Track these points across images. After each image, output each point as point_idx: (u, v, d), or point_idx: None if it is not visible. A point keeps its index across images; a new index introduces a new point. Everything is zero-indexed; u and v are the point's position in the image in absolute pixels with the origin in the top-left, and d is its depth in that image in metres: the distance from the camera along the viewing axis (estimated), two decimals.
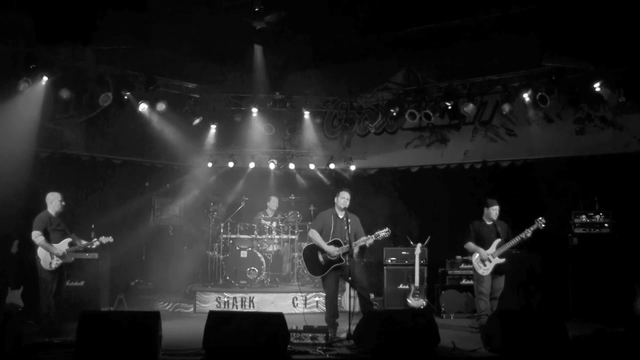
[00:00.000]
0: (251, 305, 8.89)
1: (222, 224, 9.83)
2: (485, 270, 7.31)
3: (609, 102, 8.21)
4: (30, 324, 7.12)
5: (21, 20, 7.14)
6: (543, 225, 7.05)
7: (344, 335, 6.67)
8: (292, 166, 10.77)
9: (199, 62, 9.89)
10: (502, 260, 7.30)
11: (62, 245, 7.12)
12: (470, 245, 7.49)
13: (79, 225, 8.02)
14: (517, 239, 7.17)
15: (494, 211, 7.44)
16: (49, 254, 6.99)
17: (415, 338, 5.98)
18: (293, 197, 10.39)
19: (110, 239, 7.39)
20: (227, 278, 9.34)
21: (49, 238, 7.05)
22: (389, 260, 9.16)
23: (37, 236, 6.98)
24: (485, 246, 7.38)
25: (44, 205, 7.21)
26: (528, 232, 7.10)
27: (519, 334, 5.90)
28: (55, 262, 7.02)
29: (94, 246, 7.42)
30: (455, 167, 10.14)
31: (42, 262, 6.98)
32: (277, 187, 10.95)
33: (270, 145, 10.85)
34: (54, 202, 7.18)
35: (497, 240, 7.35)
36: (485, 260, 7.32)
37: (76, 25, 6.30)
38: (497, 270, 7.34)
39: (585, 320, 7.58)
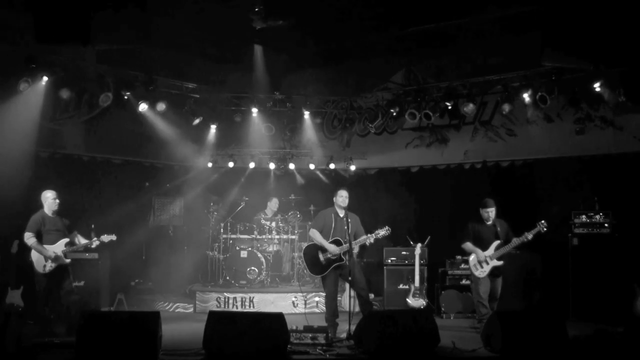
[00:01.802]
0: (251, 305, 8.89)
1: (222, 224, 9.83)
2: (482, 272, 7.26)
3: (609, 102, 8.21)
4: (30, 324, 7.09)
5: (21, 20, 7.13)
6: (545, 229, 6.99)
7: (344, 335, 6.67)
8: (292, 166, 10.78)
9: (199, 62, 9.89)
10: (500, 262, 7.24)
11: (58, 247, 6.94)
12: (468, 245, 7.42)
13: (79, 225, 7.99)
14: (517, 242, 7.10)
15: (486, 213, 7.35)
16: (43, 256, 6.84)
17: (415, 338, 5.98)
18: (293, 197, 10.40)
19: (113, 237, 7.16)
20: (227, 278, 9.35)
21: (42, 240, 6.88)
22: (389, 260, 9.16)
23: (28, 238, 6.83)
24: (484, 247, 7.31)
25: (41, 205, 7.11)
26: (529, 236, 7.03)
27: (518, 334, 5.90)
28: (50, 266, 6.85)
29: (93, 245, 7.23)
30: (455, 167, 10.14)
31: (35, 265, 6.84)
32: (277, 187, 10.95)
33: (270, 145, 10.86)
34: (47, 200, 7.01)
35: (496, 242, 7.27)
36: (482, 262, 7.26)
37: (76, 25, 6.29)
38: (494, 273, 7.28)
39: (585, 320, 7.58)
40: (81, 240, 7.20)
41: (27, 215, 7.19)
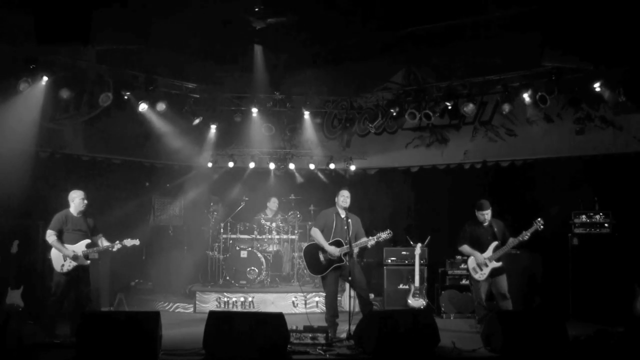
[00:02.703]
0: (251, 305, 8.89)
1: (222, 224, 9.83)
2: (481, 275, 7.16)
3: (609, 102, 8.20)
4: (30, 324, 7.10)
5: (21, 20, 7.14)
6: (542, 227, 6.89)
7: (344, 335, 6.68)
8: (292, 166, 10.77)
9: (199, 62, 9.89)
10: (499, 263, 7.13)
11: (78, 247, 6.80)
12: (466, 248, 7.31)
13: None
14: (514, 242, 7.01)
15: (482, 216, 7.22)
16: (62, 255, 6.70)
17: (415, 338, 5.98)
18: (293, 197, 10.40)
19: (136, 241, 7.07)
20: (227, 278, 9.35)
21: (62, 239, 6.76)
22: (389, 260, 9.16)
23: (49, 235, 6.70)
24: (482, 249, 7.20)
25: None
26: (526, 235, 6.92)
27: (519, 334, 5.91)
28: (68, 265, 6.70)
29: (114, 249, 7.01)
30: (455, 167, 10.14)
31: (53, 264, 6.71)
32: (277, 187, 10.95)
33: (270, 145, 10.84)
34: (75, 200, 6.87)
35: (494, 244, 7.16)
36: (481, 264, 7.16)
37: (76, 25, 6.29)
38: (494, 273, 7.15)
39: (585, 320, 7.57)
40: (104, 243, 7.05)
41: (27, 216, 7.19)
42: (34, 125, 8.29)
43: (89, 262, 6.94)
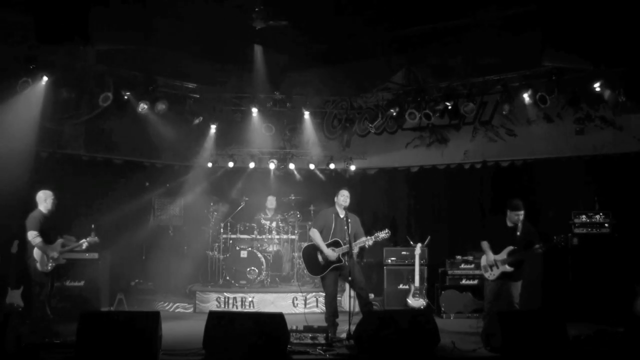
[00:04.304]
0: (251, 305, 8.90)
1: (222, 224, 9.84)
2: (490, 274, 6.93)
3: (609, 102, 8.20)
4: (30, 324, 7.09)
5: (21, 20, 7.14)
6: (563, 244, 6.69)
7: (344, 335, 6.68)
8: (292, 166, 10.77)
9: (199, 62, 9.88)
10: (511, 269, 6.77)
11: (56, 246, 6.92)
12: (483, 245, 7.05)
13: (79, 225, 7.97)
14: (536, 249, 6.68)
15: (516, 216, 6.85)
16: (46, 256, 6.77)
17: (415, 338, 5.98)
18: (293, 197, 10.39)
19: (95, 239, 7.13)
20: (227, 278, 9.35)
21: (46, 239, 6.82)
22: (389, 260, 9.16)
23: (34, 237, 6.72)
24: (498, 249, 6.91)
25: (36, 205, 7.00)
26: (542, 249, 6.65)
27: (519, 334, 5.90)
28: (51, 264, 6.81)
29: (83, 247, 7.17)
30: (455, 167, 10.13)
31: (38, 265, 6.74)
32: (277, 187, 10.94)
33: (270, 145, 10.84)
34: (47, 200, 6.93)
35: (510, 248, 6.81)
36: (492, 265, 6.92)
37: (76, 25, 6.30)
38: (507, 278, 6.84)
39: (585, 320, 7.56)
40: (74, 242, 7.13)
41: (27, 216, 7.17)
42: (34, 125, 8.28)
43: (65, 260, 7.05)
